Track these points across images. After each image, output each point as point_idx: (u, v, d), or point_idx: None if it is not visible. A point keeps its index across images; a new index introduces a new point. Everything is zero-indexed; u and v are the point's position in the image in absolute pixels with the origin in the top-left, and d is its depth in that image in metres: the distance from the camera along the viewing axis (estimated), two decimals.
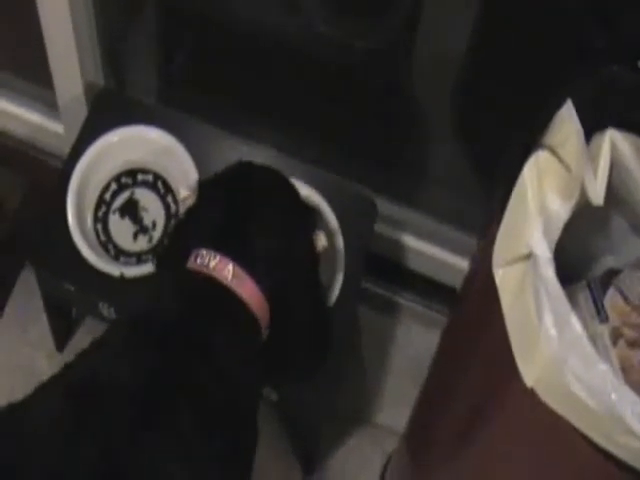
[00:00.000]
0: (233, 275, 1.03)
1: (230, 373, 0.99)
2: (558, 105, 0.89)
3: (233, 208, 1.10)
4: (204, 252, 1.04)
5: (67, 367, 0.96)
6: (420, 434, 1.31)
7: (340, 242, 1.35)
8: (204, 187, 1.14)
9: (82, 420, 0.90)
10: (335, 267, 1.34)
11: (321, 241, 1.13)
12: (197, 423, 0.93)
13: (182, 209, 1.15)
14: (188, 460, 0.92)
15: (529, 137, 0.92)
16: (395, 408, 1.60)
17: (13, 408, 0.93)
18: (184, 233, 1.12)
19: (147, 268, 1.32)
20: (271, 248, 1.07)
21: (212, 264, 1.03)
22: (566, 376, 0.79)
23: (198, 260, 1.04)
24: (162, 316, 1.00)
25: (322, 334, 1.17)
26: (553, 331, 0.80)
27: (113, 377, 0.93)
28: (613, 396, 0.77)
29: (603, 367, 0.78)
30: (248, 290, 1.03)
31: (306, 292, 1.12)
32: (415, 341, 1.66)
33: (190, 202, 1.13)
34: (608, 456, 0.81)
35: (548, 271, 0.82)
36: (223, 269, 1.03)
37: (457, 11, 1.39)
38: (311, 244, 1.13)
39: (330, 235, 1.35)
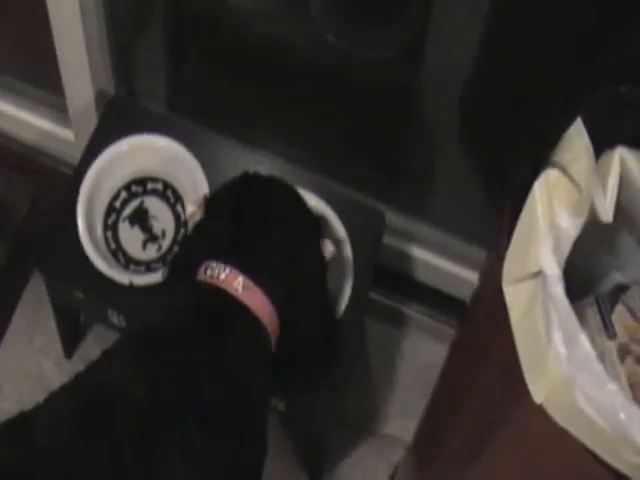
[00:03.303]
0: (243, 287, 1.03)
1: (242, 386, 1.00)
2: (568, 123, 0.90)
3: (241, 220, 1.10)
4: (214, 264, 1.05)
5: (77, 377, 0.97)
6: (427, 446, 1.31)
7: (348, 251, 1.35)
8: (211, 201, 1.15)
9: (91, 432, 0.91)
10: (343, 277, 1.34)
11: (328, 249, 1.13)
12: (206, 437, 0.94)
13: (190, 225, 1.16)
14: (197, 474, 0.92)
15: (539, 154, 0.92)
16: (401, 419, 1.60)
17: (23, 416, 0.94)
18: (193, 249, 1.12)
19: (156, 277, 1.33)
20: (280, 259, 1.08)
21: (222, 276, 1.04)
22: (575, 394, 0.79)
23: (208, 272, 1.05)
24: (173, 329, 1.01)
25: (330, 345, 1.17)
26: (562, 349, 0.80)
27: (123, 390, 0.94)
28: (622, 415, 0.77)
29: (612, 386, 0.78)
30: (258, 302, 1.04)
31: (314, 303, 1.13)
32: (422, 352, 1.66)
33: (197, 217, 1.13)
34: (617, 474, 0.81)
35: (557, 290, 0.82)
36: (233, 281, 1.03)
37: (467, 23, 1.39)
38: (319, 255, 1.13)
39: (338, 244, 1.35)
